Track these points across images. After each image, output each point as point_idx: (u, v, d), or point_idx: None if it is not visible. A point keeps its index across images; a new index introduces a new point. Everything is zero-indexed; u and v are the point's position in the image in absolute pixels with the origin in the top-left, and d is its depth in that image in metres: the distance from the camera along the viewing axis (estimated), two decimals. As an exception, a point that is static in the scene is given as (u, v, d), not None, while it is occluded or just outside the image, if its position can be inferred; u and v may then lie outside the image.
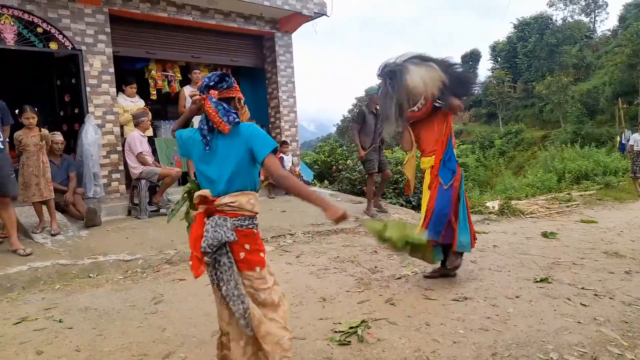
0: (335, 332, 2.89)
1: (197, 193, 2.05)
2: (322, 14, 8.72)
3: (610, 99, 26.63)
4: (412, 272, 4.17)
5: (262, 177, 8.35)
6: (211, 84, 2.04)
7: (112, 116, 6.75)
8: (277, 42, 8.83)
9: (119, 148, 6.77)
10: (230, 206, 1.97)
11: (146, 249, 4.79)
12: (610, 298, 3.38)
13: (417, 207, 8.49)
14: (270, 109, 9.22)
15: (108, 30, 6.70)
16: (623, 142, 16.49)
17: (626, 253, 4.69)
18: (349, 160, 11.61)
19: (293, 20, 8.68)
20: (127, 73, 7.70)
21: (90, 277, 4.13)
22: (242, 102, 2.19)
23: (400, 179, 9.15)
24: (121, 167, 6.80)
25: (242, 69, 9.26)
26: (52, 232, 5.01)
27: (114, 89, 6.79)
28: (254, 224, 2.04)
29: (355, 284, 3.89)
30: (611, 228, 6.14)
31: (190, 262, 2.00)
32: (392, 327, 2.98)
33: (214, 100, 2.01)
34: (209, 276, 2.03)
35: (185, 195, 2.30)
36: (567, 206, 8.15)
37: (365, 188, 8.82)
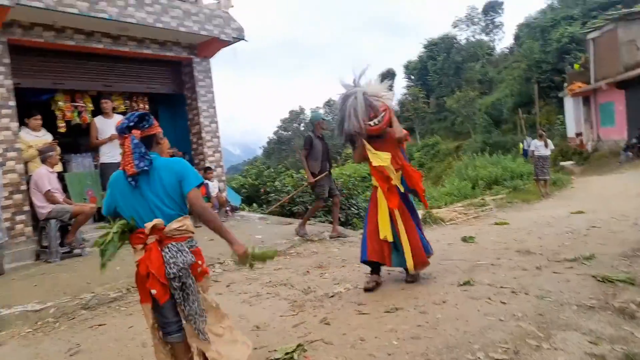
0: (271, 360, 2.82)
1: (149, 224, 2.18)
2: (241, 39, 8.73)
3: (512, 110, 29.19)
4: (345, 289, 4.19)
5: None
6: (131, 124, 2.22)
7: (14, 153, 6.19)
8: (195, 68, 8.67)
9: (23, 187, 6.21)
10: (179, 230, 2.23)
11: (59, 295, 4.38)
12: (526, 294, 3.62)
13: (345, 224, 8.64)
14: (192, 135, 8.99)
15: (7, 60, 6.20)
16: (526, 148, 18.10)
17: (536, 250, 5.08)
18: (276, 182, 11.60)
19: (211, 45, 8.59)
20: (32, 105, 7.14)
21: (-8, 333, 3.69)
22: (161, 135, 2.38)
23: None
24: (26, 208, 6.22)
25: (160, 95, 8.98)
26: None
27: (16, 124, 6.26)
28: (196, 241, 2.33)
29: (289, 307, 3.84)
30: (521, 228, 6.65)
31: (154, 290, 2.15)
32: (328, 347, 2.97)
33: (135, 141, 2.19)
34: (175, 298, 2.21)
35: (117, 235, 2.29)
36: (482, 210, 8.72)
37: (303, 208, 8.84)
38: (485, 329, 3.00)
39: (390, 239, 4.05)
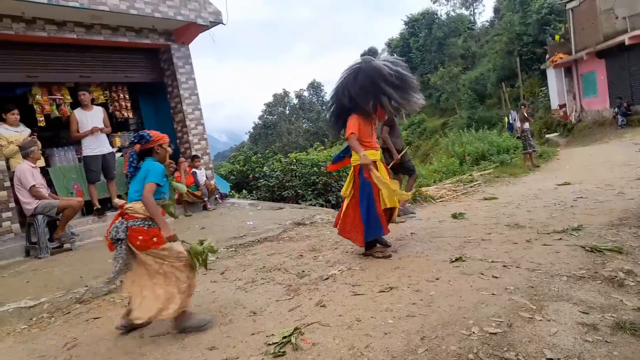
0: (269, 344, 2.83)
1: (119, 202, 3.55)
2: (219, 23, 8.56)
3: (495, 84, 29.28)
4: (339, 271, 4.22)
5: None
6: (135, 140, 3.13)
7: (-7, 149, 6.05)
8: (174, 55, 8.50)
9: (7, 184, 6.08)
10: (130, 209, 3.05)
11: (52, 290, 4.34)
12: (517, 267, 3.68)
13: (336, 206, 8.66)
14: (176, 124, 8.87)
15: (-23, 54, 6.01)
16: (511, 122, 18.20)
17: (525, 223, 5.15)
18: (265, 167, 11.54)
19: (188, 30, 8.41)
20: (7, 100, 6.95)
21: (-14, 333, 3.66)
22: (163, 145, 3.19)
23: (318, 180, 9.28)
24: (12, 204, 6.11)
25: (141, 84, 8.80)
26: None
27: (-7, 119, 6.10)
28: (145, 223, 3.01)
29: (284, 291, 3.85)
30: (510, 202, 6.73)
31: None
32: (325, 329, 2.99)
33: (132, 152, 3.14)
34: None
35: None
36: (471, 186, 8.79)
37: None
38: (479, 303, 3.05)
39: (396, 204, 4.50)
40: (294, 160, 10.60)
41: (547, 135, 21.09)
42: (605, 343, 2.40)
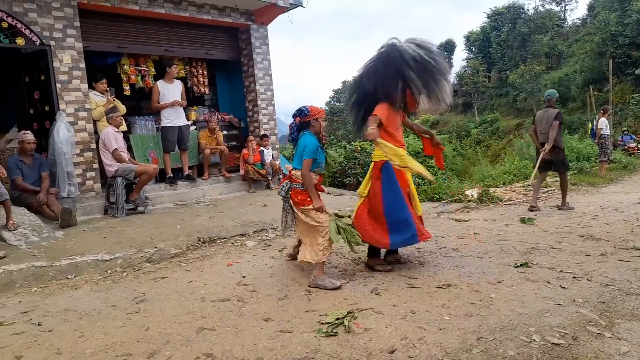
0: (322, 323, 2.88)
1: (289, 167, 3.99)
2: (298, 5, 8.65)
3: (581, 87, 27.23)
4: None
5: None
6: (296, 113, 3.78)
7: (84, 113, 6.56)
8: (252, 34, 8.72)
9: (93, 146, 6.60)
10: (294, 176, 3.77)
11: (125, 247, 4.69)
12: (588, 280, 3.46)
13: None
14: (248, 102, 9.12)
15: (77, 24, 6.50)
16: (594, 128, 16.91)
17: (601, 236, 4.81)
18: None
19: (269, 11, 8.58)
20: (99, 68, 7.49)
21: (68, 278, 4.03)
22: (318, 119, 3.77)
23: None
24: (96, 165, 6.63)
25: (218, 61, 9.12)
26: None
27: (86, 85, 6.60)
28: (299, 185, 3.73)
29: (340, 275, 3.89)
30: (586, 212, 6.30)
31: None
32: (378, 316, 2.99)
33: (293, 124, 3.81)
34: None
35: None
36: (544, 192, 8.32)
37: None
38: (543, 312, 2.91)
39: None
40: (359, 148, 10.56)
41: (635, 146, 19.35)
42: (684, 372, 2.20)
